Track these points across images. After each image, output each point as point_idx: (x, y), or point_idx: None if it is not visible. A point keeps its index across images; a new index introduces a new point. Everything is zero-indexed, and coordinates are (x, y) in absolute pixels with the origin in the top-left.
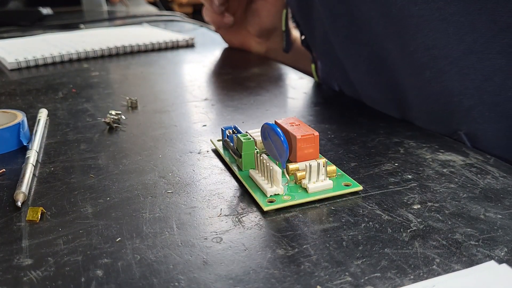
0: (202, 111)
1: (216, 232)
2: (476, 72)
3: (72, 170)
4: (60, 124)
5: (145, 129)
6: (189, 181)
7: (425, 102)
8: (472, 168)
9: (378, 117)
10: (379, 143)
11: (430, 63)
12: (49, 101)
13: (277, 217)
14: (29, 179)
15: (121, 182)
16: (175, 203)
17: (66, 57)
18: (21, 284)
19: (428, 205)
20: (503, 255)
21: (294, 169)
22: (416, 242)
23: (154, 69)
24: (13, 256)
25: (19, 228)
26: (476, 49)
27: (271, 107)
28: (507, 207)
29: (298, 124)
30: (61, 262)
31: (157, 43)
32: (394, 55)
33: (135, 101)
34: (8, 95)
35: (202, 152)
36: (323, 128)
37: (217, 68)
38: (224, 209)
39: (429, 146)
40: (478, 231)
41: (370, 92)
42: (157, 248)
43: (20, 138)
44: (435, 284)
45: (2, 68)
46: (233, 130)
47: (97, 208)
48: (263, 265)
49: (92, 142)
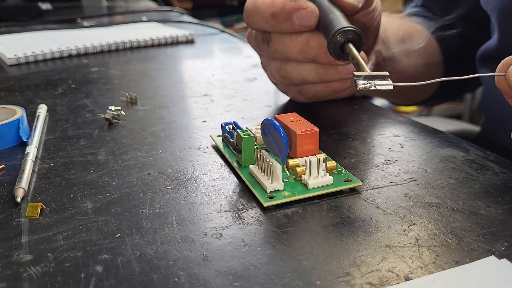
0: (202, 106)
1: (216, 228)
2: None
3: (71, 166)
4: (60, 120)
5: (145, 125)
6: (189, 177)
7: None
8: (473, 164)
9: (378, 113)
10: (379, 138)
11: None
12: (49, 97)
13: (277, 213)
14: (29, 175)
15: (121, 178)
16: (175, 199)
17: (66, 52)
18: (21, 280)
19: (428, 200)
20: (503, 249)
21: (294, 165)
22: (416, 238)
23: (153, 65)
24: (12, 252)
25: (18, 224)
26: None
27: (271, 103)
28: (507, 202)
29: (298, 120)
30: (61, 258)
31: (156, 38)
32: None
33: (134, 96)
34: (7, 90)
35: (202, 148)
36: (323, 124)
37: (217, 64)
38: (224, 205)
39: (429, 142)
40: (479, 226)
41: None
42: (157, 244)
43: (19, 134)
44: (436, 279)
45: (1, 63)
46: (233, 126)
47: (97, 204)
48: (263, 261)
49: (91, 138)
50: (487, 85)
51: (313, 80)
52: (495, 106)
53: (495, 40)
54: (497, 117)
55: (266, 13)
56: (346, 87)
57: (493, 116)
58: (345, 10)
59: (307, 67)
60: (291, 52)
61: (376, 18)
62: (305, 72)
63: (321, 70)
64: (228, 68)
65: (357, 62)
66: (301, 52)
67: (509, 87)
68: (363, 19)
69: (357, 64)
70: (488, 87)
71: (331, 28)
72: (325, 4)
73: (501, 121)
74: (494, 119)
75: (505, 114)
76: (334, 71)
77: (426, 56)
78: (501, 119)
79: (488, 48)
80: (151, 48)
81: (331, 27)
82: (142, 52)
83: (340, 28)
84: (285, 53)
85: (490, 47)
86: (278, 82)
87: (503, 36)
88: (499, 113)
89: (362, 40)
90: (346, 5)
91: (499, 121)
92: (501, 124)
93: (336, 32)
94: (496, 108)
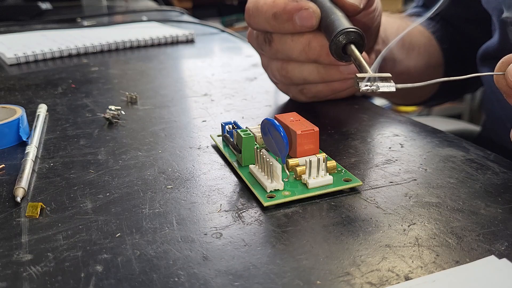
0: (202, 106)
1: (216, 227)
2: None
3: (71, 165)
4: (60, 119)
5: (145, 125)
6: (189, 177)
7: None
8: (473, 164)
9: (379, 112)
10: (379, 138)
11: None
12: (49, 97)
13: (277, 213)
14: (29, 174)
15: (121, 178)
16: (175, 199)
17: (65, 52)
18: (21, 279)
19: (428, 200)
20: (503, 249)
21: (294, 165)
22: (416, 237)
23: (153, 65)
24: (12, 252)
25: (18, 223)
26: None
27: (271, 103)
28: (507, 202)
29: (298, 120)
30: (61, 258)
31: (156, 38)
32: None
33: (134, 96)
34: (7, 90)
35: (202, 148)
36: (323, 123)
37: (216, 63)
38: (224, 204)
39: (429, 142)
40: (479, 226)
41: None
42: (157, 243)
43: (19, 134)
44: (436, 279)
45: (1, 63)
46: (233, 126)
47: (97, 204)
48: (263, 261)
49: (91, 137)
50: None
51: (314, 80)
52: (496, 105)
53: (496, 39)
54: (499, 116)
55: (268, 13)
56: (347, 86)
57: (494, 115)
58: (346, 11)
59: (308, 67)
60: (293, 52)
61: (377, 18)
62: (307, 72)
63: (322, 70)
64: (228, 68)
65: (359, 63)
66: (302, 53)
67: (508, 86)
68: (364, 19)
69: (359, 65)
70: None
71: (333, 29)
72: (326, 4)
73: (502, 120)
74: (495, 118)
75: (506, 113)
76: (335, 71)
77: (426, 56)
78: (502, 118)
79: (489, 47)
80: (151, 48)
81: (333, 28)
82: (142, 52)
83: (342, 29)
84: (287, 53)
85: (491, 46)
86: (279, 81)
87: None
88: (500, 112)
89: (364, 41)
90: (347, 6)
91: (500, 120)
92: (503, 123)
93: (338, 33)
94: (497, 107)
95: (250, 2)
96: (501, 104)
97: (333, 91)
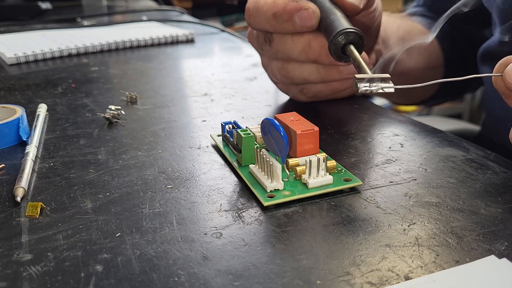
0: (201, 106)
1: (216, 227)
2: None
3: (71, 165)
4: (60, 119)
5: (145, 124)
6: (189, 176)
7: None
8: (473, 163)
9: (379, 112)
10: (379, 138)
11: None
12: (49, 96)
13: (277, 213)
14: (29, 174)
15: (121, 177)
16: (175, 198)
17: (66, 52)
18: (21, 279)
19: (428, 200)
20: (503, 249)
21: (294, 164)
22: (416, 237)
23: (153, 64)
24: (12, 251)
25: (18, 223)
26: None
27: (271, 102)
28: (507, 202)
29: (298, 119)
30: (61, 257)
31: (156, 38)
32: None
33: (134, 96)
34: (7, 90)
35: (202, 147)
36: (323, 123)
37: (216, 63)
38: (224, 204)
39: (429, 142)
40: (479, 226)
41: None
42: (157, 243)
43: (19, 133)
44: (436, 279)
45: (1, 63)
46: (233, 125)
47: (97, 203)
48: (263, 260)
49: (91, 137)
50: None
51: (314, 80)
52: (496, 104)
53: (496, 38)
54: (499, 116)
55: (268, 13)
56: (347, 86)
57: (494, 114)
58: (346, 11)
59: (308, 67)
60: (293, 52)
61: (377, 18)
62: (307, 72)
63: (322, 70)
64: (228, 68)
65: (359, 64)
66: (302, 53)
67: (506, 87)
68: (364, 19)
69: (359, 66)
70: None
71: (333, 29)
72: (326, 4)
73: (502, 119)
74: (495, 117)
75: (506, 112)
76: (335, 71)
77: (427, 55)
78: (502, 118)
79: (489, 46)
80: (151, 48)
81: (333, 28)
82: (142, 52)
83: (342, 30)
84: (287, 53)
85: (492, 45)
86: (279, 81)
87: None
88: (500, 112)
89: (363, 41)
90: (347, 6)
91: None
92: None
93: (337, 34)
94: (497, 107)
95: (250, 2)
96: (501, 104)
97: (333, 91)
